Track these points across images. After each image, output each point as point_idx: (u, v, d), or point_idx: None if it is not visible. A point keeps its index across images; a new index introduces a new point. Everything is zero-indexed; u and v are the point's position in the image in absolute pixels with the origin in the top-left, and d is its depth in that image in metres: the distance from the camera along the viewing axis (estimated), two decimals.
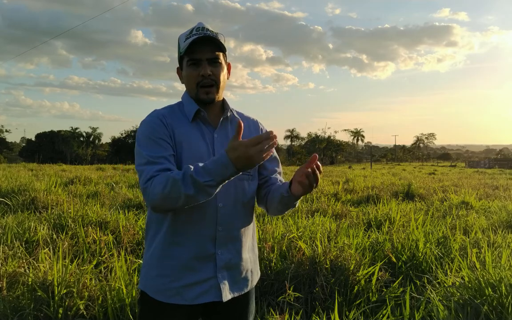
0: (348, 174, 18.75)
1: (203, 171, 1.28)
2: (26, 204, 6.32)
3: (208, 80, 1.46)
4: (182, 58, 1.50)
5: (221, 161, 1.27)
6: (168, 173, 1.33)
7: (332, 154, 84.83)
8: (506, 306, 2.58)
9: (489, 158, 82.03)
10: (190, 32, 1.46)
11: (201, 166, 1.30)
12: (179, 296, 1.45)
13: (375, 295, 3.11)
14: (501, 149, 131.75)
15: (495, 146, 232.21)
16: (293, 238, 3.90)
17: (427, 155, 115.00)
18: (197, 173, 1.28)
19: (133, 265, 3.32)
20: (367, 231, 4.95)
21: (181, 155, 1.45)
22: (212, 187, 1.29)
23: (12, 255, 3.49)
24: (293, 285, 3.11)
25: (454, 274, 3.25)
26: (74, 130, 67.99)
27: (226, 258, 1.49)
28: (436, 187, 11.25)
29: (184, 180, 1.29)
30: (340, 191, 9.95)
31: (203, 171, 1.28)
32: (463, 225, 5.57)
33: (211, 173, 1.27)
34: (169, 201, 1.32)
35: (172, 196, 1.30)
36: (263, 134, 1.25)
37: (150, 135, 1.42)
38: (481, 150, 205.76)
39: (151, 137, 1.42)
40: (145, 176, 1.36)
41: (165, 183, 1.30)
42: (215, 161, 1.28)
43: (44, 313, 2.67)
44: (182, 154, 1.45)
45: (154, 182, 1.33)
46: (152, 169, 1.36)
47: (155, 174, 1.34)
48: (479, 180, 16.28)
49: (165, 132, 1.44)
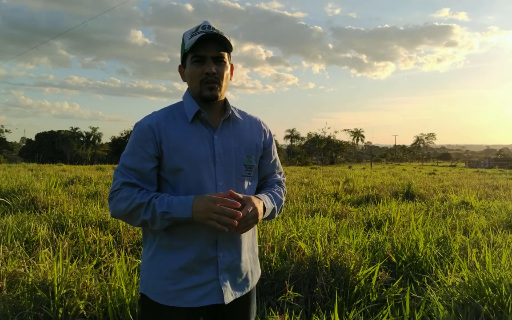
0: (348, 174, 18.75)
1: (166, 202, 1.37)
2: (26, 204, 6.31)
3: (212, 77, 1.44)
4: (186, 55, 1.48)
5: (185, 200, 1.36)
6: (134, 192, 1.40)
7: (332, 154, 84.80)
8: (506, 306, 2.58)
9: (489, 158, 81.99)
10: (196, 30, 1.44)
11: (169, 197, 1.39)
12: (180, 299, 1.44)
13: (375, 295, 3.11)
14: (501, 149, 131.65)
15: (495, 146, 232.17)
16: (293, 238, 3.90)
17: (427, 155, 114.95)
18: (160, 201, 1.37)
19: (133, 265, 3.32)
20: (367, 231, 4.95)
21: (176, 159, 1.43)
22: (166, 220, 1.37)
23: (12, 255, 3.48)
24: (293, 285, 3.11)
25: (454, 274, 3.25)
26: (74, 130, 67.97)
27: (227, 260, 1.48)
28: (436, 187, 11.25)
29: (147, 206, 1.38)
30: (340, 191, 9.95)
31: (166, 203, 1.37)
32: (463, 225, 5.57)
33: (171, 206, 1.36)
34: (128, 219, 1.43)
35: (132, 215, 1.40)
36: (227, 210, 1.32)
37: (133, 143, 1.46)
38: (481, 150, 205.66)
39: (133, 145, 1.46)
40: (114, 185, 1.44)
41: (129, 202, 1.38)
42: (181, 198, 1.37)
43: (44, 313, 2.67)
44: (177, 158, 1.43)
45: (118, 196, 1.41)
46: (121, 180, 1.43)
47: (121, 187, 1.41)
48: (479, 180, 16.27)
49: (149, 141, 1.44)
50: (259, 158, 1.61)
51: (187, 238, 1.44)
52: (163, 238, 1.46)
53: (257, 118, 1.66)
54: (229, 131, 1.53)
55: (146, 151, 1.43)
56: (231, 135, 1.53)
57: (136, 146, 1.44)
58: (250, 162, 1.54)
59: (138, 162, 1.43)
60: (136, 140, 1.45)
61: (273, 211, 1.56)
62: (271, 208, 1.53)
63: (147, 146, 1.43)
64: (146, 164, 1.43)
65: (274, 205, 1.56)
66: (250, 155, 1.54)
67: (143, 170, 1.43)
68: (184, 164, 1.43)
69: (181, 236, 1.44)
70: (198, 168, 1.44)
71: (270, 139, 1.66)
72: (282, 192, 1.65)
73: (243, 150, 1.53)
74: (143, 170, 1.43)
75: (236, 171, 1.49)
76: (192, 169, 1.43)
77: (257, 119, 1.66)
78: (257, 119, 1.65)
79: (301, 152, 78.30)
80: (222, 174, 1.47)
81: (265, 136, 1.63)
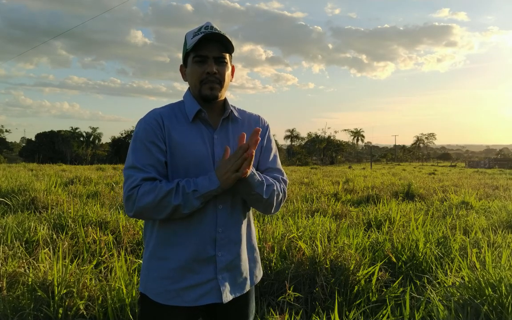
0: (348, 174, 18.74)
1: (193, 182, 1.37)
2: (26, 204, 6.31)
3: (213, 77, 1.45)
4: (187, 55, 1.49)
5: (208, 176, 1.37)
6: (157, 183, 1.37)
7: (332, 154, 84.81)
8: (506, 306, 2.58)
9: (489, 158, 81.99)
10: (198, 30, 1.45)
11: (192, 179, 1.39)
12: (179, 298, 1.44)
13: (375, 295, 3.11)
14: (501, 149, 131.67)
15: (495, 146, 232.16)
16: (293, 238, 3.90)
17: (427, 155, 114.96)
18: (187, 182, 1.37)
19: (133, 265, 3.32)
20: (367, 231, 4.95)
21: (178, 158, 1.44)
22: (197, 198, 1.36)
23: (12, 255, 3.48)
24: (293, 285, 3.11)
25: (454, 274, 3.25)
26: (74, 130, 67.96)
27: (226, 259, 1.49)
28: (436, 187, 11.25)
29: (176, 191, 1.36)
30: (340, 191, 9.95)
31: (192, 183, 1.37)
32: (463, 225, 5.57)
33: (197, 185, 1.36)
34: (156, 211, 1.37)
35: (161, 205, 1.36)
36: (238, 151, 1.32)
37: (143, 138, 1.43)
38: (481, 150, 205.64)
39: (143, 141, 1.43)
40: (130, 182, 1.38)
41: (156, 193, 1.35)
42: (203, 177, 1.38)
43: (44, 313, 2.67)
44: (179, 157, 1.44)
45: (140, 190, 1.36)
46: (138, 176, 1.38)
47: (141, 183, 1.37)
48: (479, 180, 16.26)
49: (159, 135, 1.44)
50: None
51: (187, 237, 1.44)
52: (163, 238, 1.46)
53: (257, 115, 1.66)
54: (228, 130, 1.54)
55: (157, 145, 1.43)
56: (231, 134, 1.53)
57: (147, 141, 1.42)
58: None
59: (153, 157, 1.42)
60: (146, 134, 1.43)
61: (261, 184, 1.44)
62: (259, 179, 1.44)
63: (158, 140, 1.43)
64: (160, 157, 1.43)
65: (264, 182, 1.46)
66: None
67: (159, 163, 1.42)
68: (185, 162, 1.43)
69: (180, 235, 1.45)
70: (198, 167, 1.44)
71: (268, 134, 1.65)
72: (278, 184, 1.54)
73: None
74: (159, 164, 1.42)
75: None
76: (193, 168, 1.44)
77: (257, 116, 1.66)
78: (256, 116, 1.65)
79: (301, 152, 78.29)
80: None
81: (263, 132, 1.62)
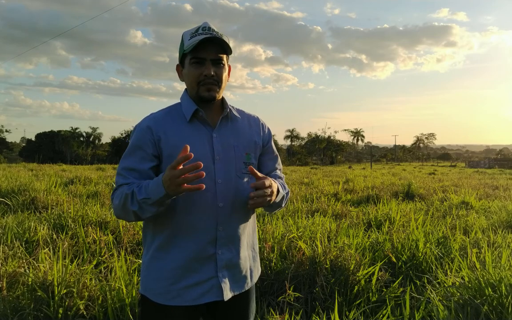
0: (348, 174, 18.74)
1: (143, 188, 1.35)
2: (26, 204, 6.31)
3: (210, 80, 1.45)
4: (184, 55, 1.49)
5: (157, 180, 1.32)
6: (123, 188, 1.40)
7: (332, 154, 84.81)
8: (506, 306, 2.58)
9: (489, 158, 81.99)
10: (196, 31, 1.44)
11: (146, 182, 1.36)
12: (180, 298, 1.44)
13: (375, 295, 3.11)
14: (501, 149, 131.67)
15: (495, 146, 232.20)
16: (293, 238, 3.90)
17: (427, 155, 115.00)
18: (139, 189, 1.35)
19: (133, 265, 3.32)
20: (367, 231, 4.94)
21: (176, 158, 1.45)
22: (149, 205, 1.33)
23: (12, 255, 3.48)
24: (293, 285, 3.10)
25: (454, 274, 3.24)
26: (74, 130, 67.98)
27: (226, 257, 1.49)
28: (436, 187, 11.24)
29: (132, 196, 1.36)
30: (340, 191, 9.95)
31: (143, 189, 1.35)
32: (463, 225, 5.56)
33: (148, 191, 1.33)
34: (125, 216, 1.41)
35: (125, 210, 1.39)
36: (186, 168, 1.23)
37: (132, 144, 1.48)
38: (481, 150, 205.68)
39: (132, 147, 1.48)
40: (115, 188, 1.46)
41: (120, 197, 1.39)
42: (156, 179, 1.34)
43: (44, 313, 2.67)
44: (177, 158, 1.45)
45: (115, 194, 1.43)
46: (119, 181, 1.45)
47: (119, 188, 1.43)
48: (479, 180, 16.26)
49: (148, 140, 1.45)
50: (259, 155, 1.62)
51: (187, 236, 1.45)
52: (163, 239, 1.46)
53: (256, 116, 1.67)
54: (227, 129, 1.54)
55: (144, 151, 1.45)
56: (230, 133, 1.53)
57: (135, 147, 1.47)
58: (249, 160, 1.54)
59: (137, 162, 1.45)
60: (135, 141, 1.47)
61: (282, 199, 1.58)
62: (282, 194, 1.56)
63: (146, 146, 1.45)
64: (145, 163, 1.45)
65: (284, 192, 1.59)
66: (249, 152, 1.55)
67: (141, 169, 1.45)
68: (184, 162, 1.43)
69: (180, 235, 1.45)
70: None
71: (269, 136, 1.68)
72: (287, 187, 1.67)
73: (242, 147, 1.53)
74: (142, 169, 1.45)
75: (235, 169, 1.50)
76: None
77: (256, 117, 1.67)
78: (256, 117, 1.66)
79: (301, 152, 78.34)
80: (221, 172, 1.47)
81: (263, 133, 1.64)
